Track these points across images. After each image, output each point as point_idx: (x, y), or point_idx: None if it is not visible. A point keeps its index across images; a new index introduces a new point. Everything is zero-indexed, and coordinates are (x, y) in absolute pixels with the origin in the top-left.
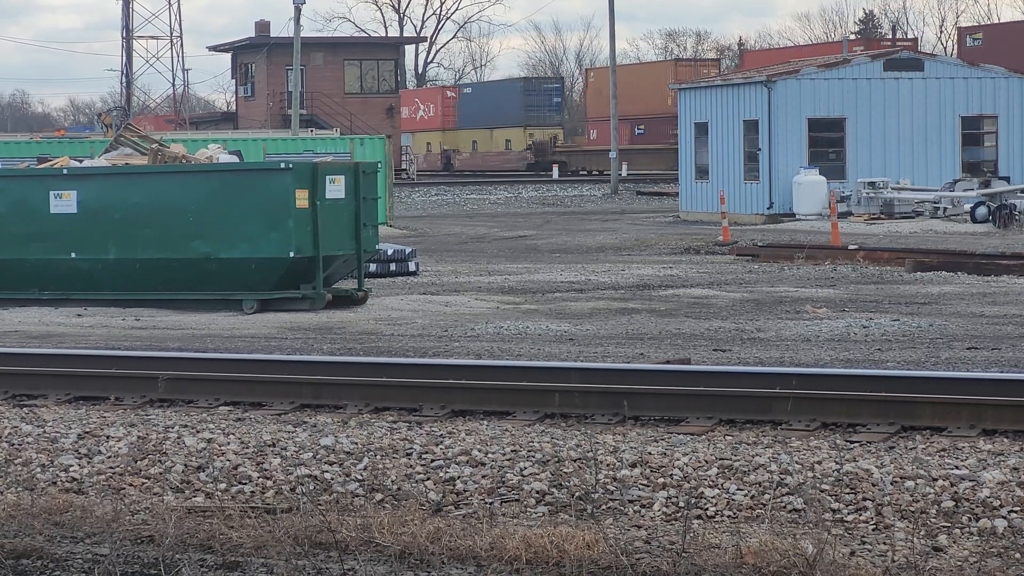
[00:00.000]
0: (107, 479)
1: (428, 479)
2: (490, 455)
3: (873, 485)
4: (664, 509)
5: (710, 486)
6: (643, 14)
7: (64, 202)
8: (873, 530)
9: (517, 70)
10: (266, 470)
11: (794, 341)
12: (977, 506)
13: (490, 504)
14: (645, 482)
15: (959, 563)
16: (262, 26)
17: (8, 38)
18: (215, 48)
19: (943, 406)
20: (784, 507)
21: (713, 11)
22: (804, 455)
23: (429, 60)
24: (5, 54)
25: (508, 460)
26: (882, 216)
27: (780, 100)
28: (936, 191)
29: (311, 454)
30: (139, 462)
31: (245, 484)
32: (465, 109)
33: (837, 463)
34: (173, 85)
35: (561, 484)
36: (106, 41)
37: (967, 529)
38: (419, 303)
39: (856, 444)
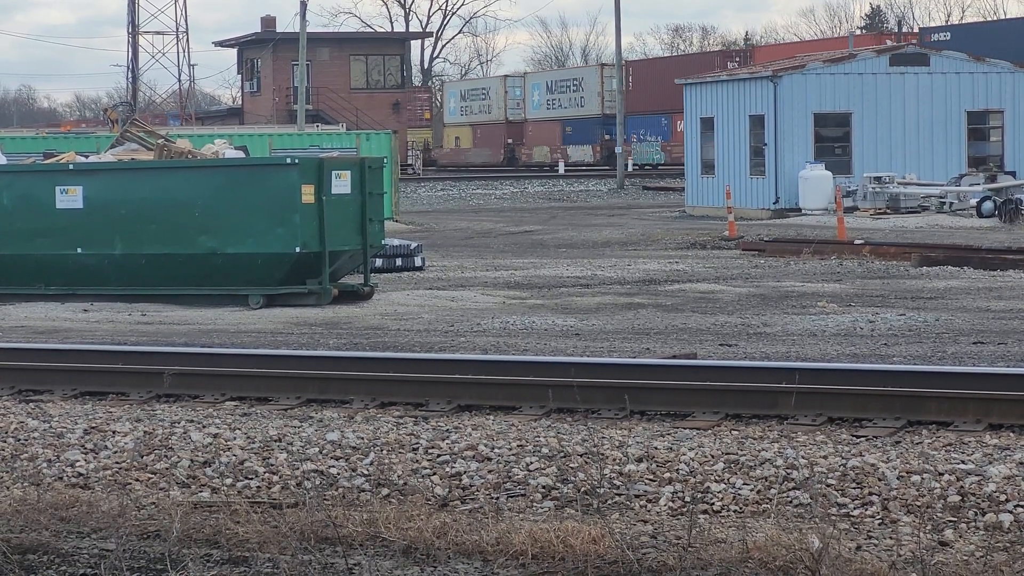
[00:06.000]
0: (113, 474)
1: (434, 474)
2: (496, 450)
3: (879, 480)
4: (670, 504)
5: (716, 481)
6: (638, 9)
7: (70, 197)
8: (879, 525)
9: (523, 65)
10: (272, 465)
11: (800, 336)
12: (983, 501)
13: (496, 499)
14: (651, 477)
15: (965, 557)
16: (268, 21)
17: (6, 32)
18: (221, 43)
19: (949, 400)
20: (790, 502)
21: (708, 6)
22: (810, 450)
23: (435, 55)
24: (3, 50)
25: (514, 455)
26: (888, 211)
27: (786, 95)
28: (942, 186)
29: (317, 449)
30: (145, 457)
31: (251, 479)
32: None
33: (843, 458)
34: (179, 80)
35: (567, 479)
36: (104, 36)
37: (973, 524)
38: (425, 298)
39: (862, 439)
